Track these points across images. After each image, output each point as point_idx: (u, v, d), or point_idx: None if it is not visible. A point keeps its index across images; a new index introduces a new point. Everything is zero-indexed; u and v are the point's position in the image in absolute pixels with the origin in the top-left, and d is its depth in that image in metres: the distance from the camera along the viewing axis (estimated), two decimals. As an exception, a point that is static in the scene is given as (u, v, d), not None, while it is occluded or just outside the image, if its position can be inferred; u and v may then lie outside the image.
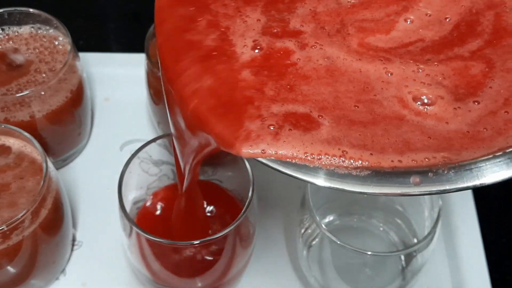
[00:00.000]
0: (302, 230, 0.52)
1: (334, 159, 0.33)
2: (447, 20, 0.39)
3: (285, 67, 0.37)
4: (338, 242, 0.47)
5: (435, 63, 0.37)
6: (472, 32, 0.38)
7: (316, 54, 0.37)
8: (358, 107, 0.35)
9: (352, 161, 0.33)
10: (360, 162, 0.33)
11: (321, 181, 0.33)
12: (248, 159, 0.44)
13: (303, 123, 0.34)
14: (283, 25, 0.39)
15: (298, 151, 0.33)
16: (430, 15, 0.39)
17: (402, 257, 0.53)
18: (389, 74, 0.37)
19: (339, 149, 0.33)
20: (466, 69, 0.37)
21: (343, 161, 0.33)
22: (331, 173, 0.33)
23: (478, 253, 0.58)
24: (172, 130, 0.42)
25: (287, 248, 0.59)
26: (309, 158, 0.33)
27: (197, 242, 0.46)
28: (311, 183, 0.33)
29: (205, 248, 0.47)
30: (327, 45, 0.38)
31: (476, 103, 0.35)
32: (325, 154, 0.33)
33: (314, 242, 0.53)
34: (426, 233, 0.50)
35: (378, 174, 0.33)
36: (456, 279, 0.57)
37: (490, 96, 0.35)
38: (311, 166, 0.33)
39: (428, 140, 0.34)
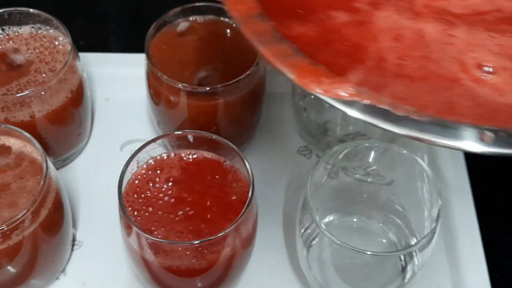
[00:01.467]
0: (302, 230, 0.52)
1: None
2: None
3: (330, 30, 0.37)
4: (338, 242, 0.47)
5: (509, 35, 0.36)
6: None
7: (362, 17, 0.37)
8: (405, 60, 0.34)
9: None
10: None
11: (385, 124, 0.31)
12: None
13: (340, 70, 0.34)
14: None
15: (347, 90, 0.32)
16: None
17: (402, 257, 0.53)
18: (452, 37, 0.35)
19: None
20: None
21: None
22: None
23: (478, 253, 0.58)
24: None
25: (287, 248, 0.59)
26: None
27: (197, 242, 0.46)
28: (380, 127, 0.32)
29: (205, 248, 0.47)
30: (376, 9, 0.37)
31: None
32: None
33: (314, 242, 0.53)
34: (425, 233, 0.50)
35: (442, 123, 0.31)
36: (455, 279, 0.57)
37: None
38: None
39: (473, 108, 0.32)
